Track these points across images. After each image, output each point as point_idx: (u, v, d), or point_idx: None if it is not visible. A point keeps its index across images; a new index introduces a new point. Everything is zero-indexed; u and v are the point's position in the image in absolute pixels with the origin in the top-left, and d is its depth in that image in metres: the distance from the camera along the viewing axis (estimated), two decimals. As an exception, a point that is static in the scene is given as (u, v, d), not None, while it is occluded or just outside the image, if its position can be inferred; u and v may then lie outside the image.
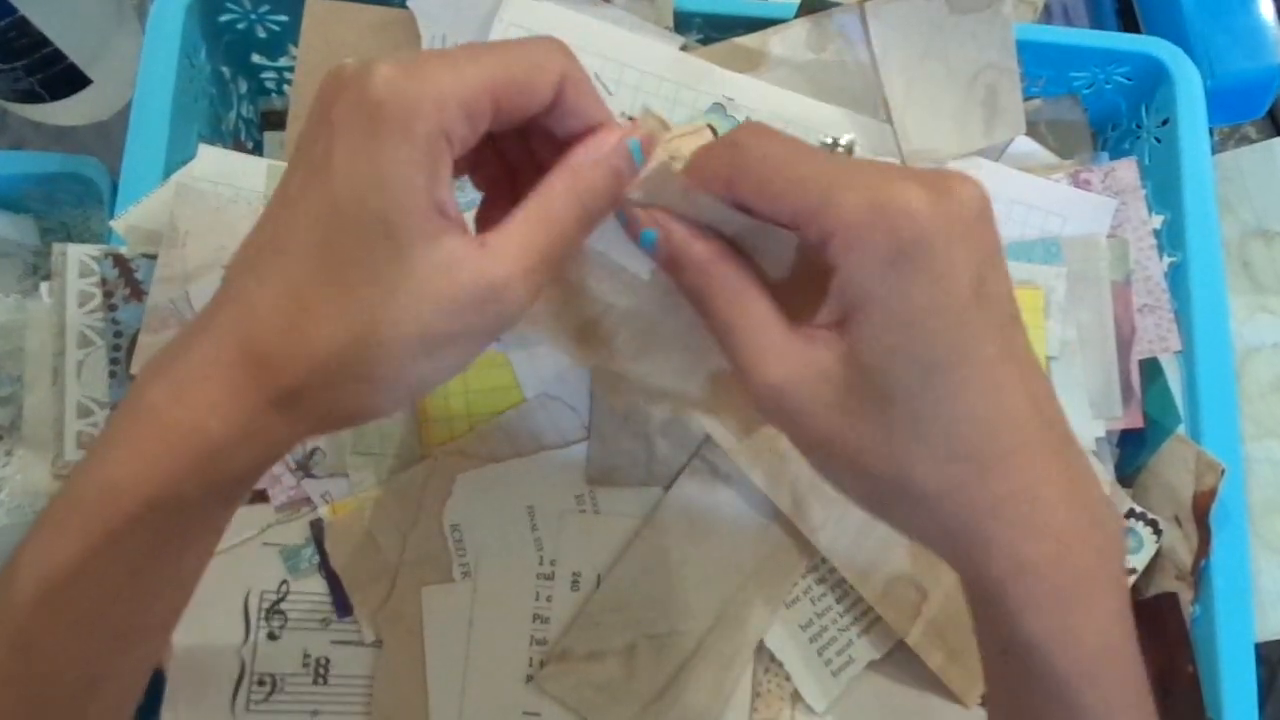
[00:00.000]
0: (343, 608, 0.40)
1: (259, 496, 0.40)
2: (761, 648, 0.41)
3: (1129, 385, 0.45)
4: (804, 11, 0.46)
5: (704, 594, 0.41)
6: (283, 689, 0.39)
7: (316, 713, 0.39)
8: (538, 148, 0.29)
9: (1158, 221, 0.47)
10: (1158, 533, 0.43)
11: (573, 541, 0.41)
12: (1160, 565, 0.44)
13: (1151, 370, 0.45)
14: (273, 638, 0.40)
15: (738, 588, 0.41)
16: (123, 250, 0.41)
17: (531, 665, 0.40)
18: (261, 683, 0.39)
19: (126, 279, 0.40)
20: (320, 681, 0.40)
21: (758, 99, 0.45)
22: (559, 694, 0.40)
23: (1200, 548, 0.42)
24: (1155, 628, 0.43)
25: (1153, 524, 0.43)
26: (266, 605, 0.40)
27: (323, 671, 0.40)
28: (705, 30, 0.47)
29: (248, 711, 0.39)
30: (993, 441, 0.25)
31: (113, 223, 0.41)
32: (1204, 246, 0.46)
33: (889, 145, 0.46)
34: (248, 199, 0.42)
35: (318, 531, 0.40)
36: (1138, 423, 0.45)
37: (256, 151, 0.51)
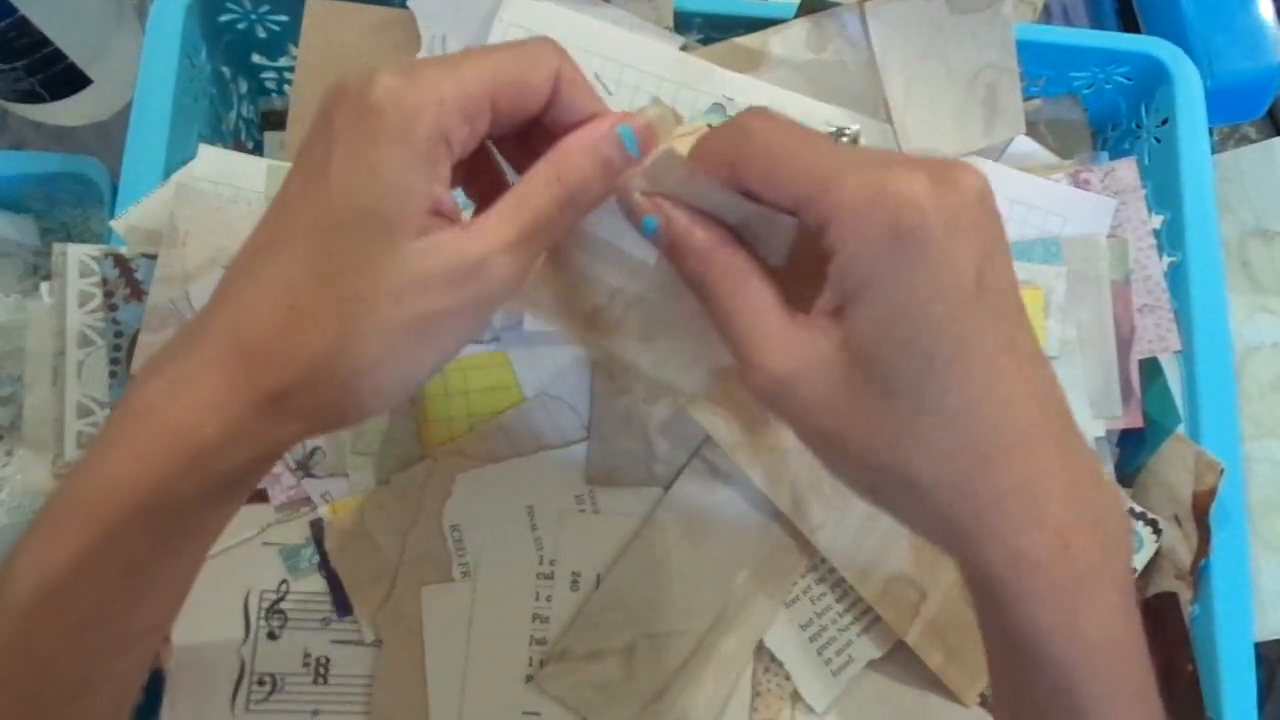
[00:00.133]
0: (342, 607, 0.40)
1: (259, 496, 0.40)
2: (761, 647, 0.41)
3: (1129, 385, 0.45)
4: (804, 11, 0.46)
5: (704, 594, 0.41)
6: (283, 688, 0.39)
7: (317, 712, 0.39)
8: (541, 150, 0.29)
9: (1157, 221, 0.47)
10: (1157, 532, 0.43)
11: (572, 541, 0.41)
12: (1160, 565, 0.44)
13: (1151, 370, 0.46)
14: (273, 637, 0.40)
15: (738, 587, 0.41)
16: (123, 250, 0.41)
17: (531, 665, 0.40)
18: (261, 682, 0.39)
19: (127, 279, 0.40)
20: (320, 681, 0.40)
21: (758, 99, 0.45)
22: (558, 694, 0.40)
23: (1200, 547, 0.42)
24: (1155, 627, 0.43)
25: (1152, 524, 0.43)
26: (266, 605, 0.40)
27: (323, 671, 0.40)
28: (705, 30, 0.47)
29: (248, 711, 0.39)
30: (994, 434, 0.24)
31: (113, 223, 0.41)
32: (1203, 246, 0.46)
33: (889, 145, 0.46)
34: (248, 199, 0.42)
35: (318, 531, 0.40)
36: (1137, 422, 0.45)
37: (257, 151, 0.51)
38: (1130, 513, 0.44)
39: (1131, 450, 0.46)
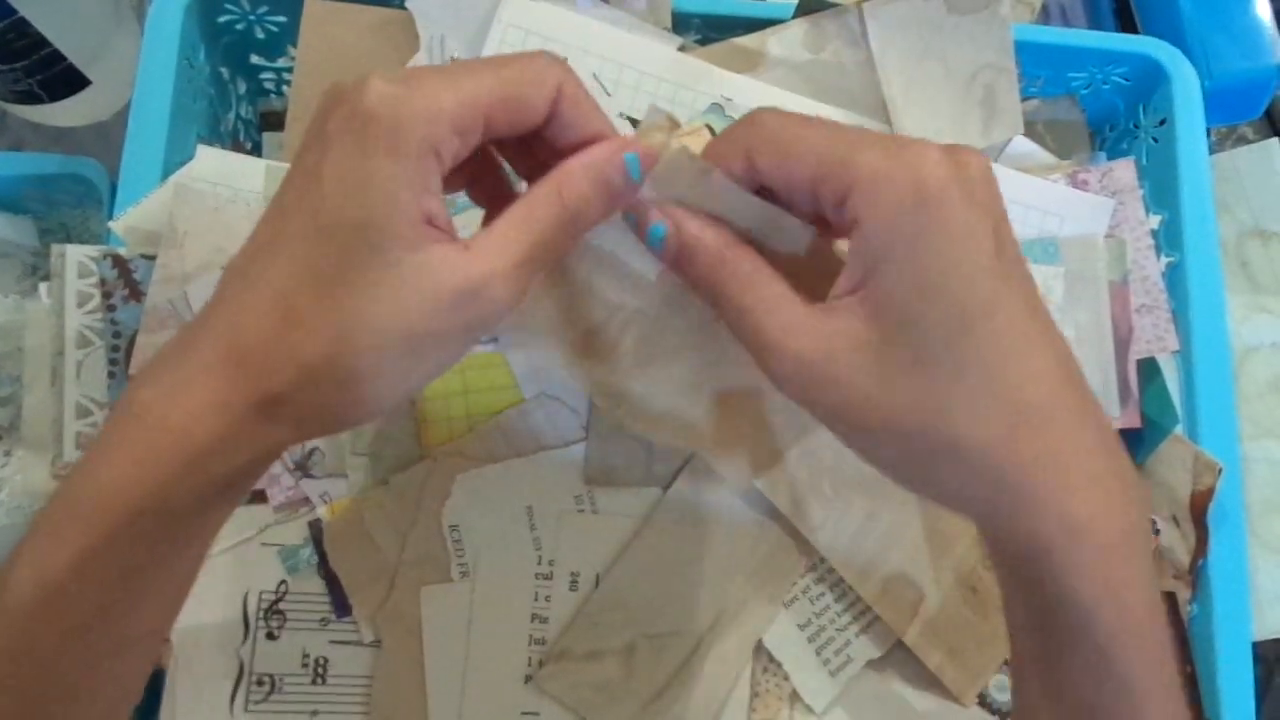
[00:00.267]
0: (341, 608, 0.40)
1: (258, 497, 0.40)
2: (760, 647, 0.41)
3: (1126, 385, 0.45)
4: (802, 12, 0.46)
5: (703, 594, 0.41)
6: (282, 689, 0.39)
7: (315, 713, 0.39)
8: (546, 159, 0.29)
9: (1155, 221, 0.47)
10: (1155, 532, 0.43)
11: (571, 541, 0.41)
12: (1158, 565, 0.44)
13: (1149, 370, 0.46)
14: (271, 638, 0.40)
15: (736, 588, 0.41)
16: (121, 251, 0.41)
17: (530, 665, 0.40)
18: (260, 683, 0.39)
19: (125, 279, 0.40)
20: (319, 681, 0.40)
21: (756, 99, 0.45)
22: (558, 694, 0.40)
23: (1198, 547, 0.42)
24: (1153, 627, 0.43)
25: (1150, 523, 0.43)
26: (265, 605, 0.40)
27: (321, 671, 0.40)
28: (703, 31, 0.47)
29: (246, 711, 0.39)
30: (1030, 393, 0.24)
31: (111, 223, 0.41)
32: (1201, 246, 0.46)
33: (887, 145, 0.46)
34: (246, 200, 0.42)
35: (316, 532, 0.40)
36: (1135, 423, 0.45)
37: (255, 152, 0.51)
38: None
39: (1129, 450, 0.46)
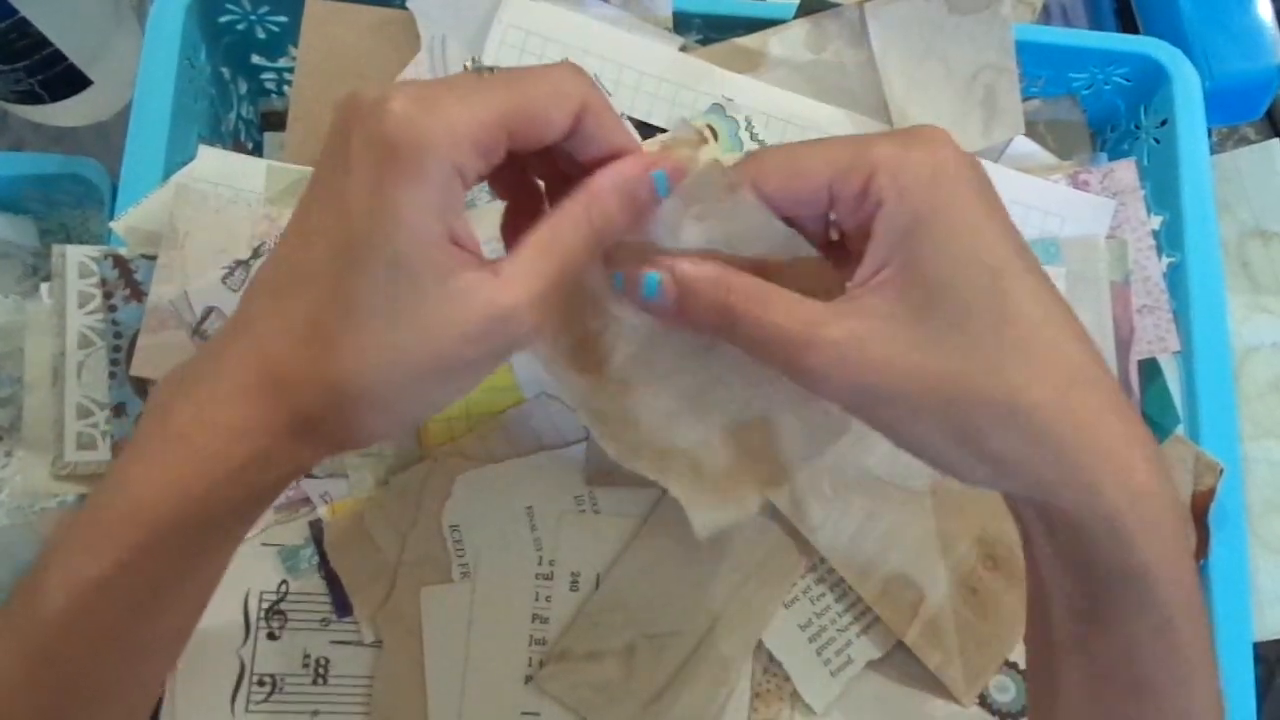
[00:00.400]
0: (342, 608, 0.40)
1: (259, 497, 0.40)
2: (761, 648, 0.41)
3: (1128, 385, 0.45)
4: (803, 12, 0.46)
5: (703, 594, 0.41)
6: (282, 689, 0.39)
7: (316, 713, 0.39)
8: (565, 166, 0.29)
9: (1156, 222, 0.47)
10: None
11: (572, 542, 0.41)
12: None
13: (1150, 370, 0.46)
14: (272, 638, 0.40)
15: (737, 588, 0.41)
16: (122, 251, 0.41)
17: (531, 665, 0.40)
18: (261, 683, 0.39)
19: (126, 280, 0.40)
20: (320, 682, 0.40)
21: (757, 99, 0.45)
22: (558, 694, 0.40)
23: (1199, 548, 0.42)
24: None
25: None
26: (266, 606, 0.40)
27: (322, 672, 0.40)
28: (704, 31, 0.47)
29: (247, 712, 0.39)
30: (1075, 353, 0.25)
31: (112, 224, 0.41)
32: (1202, 247, 0.46)
33: (888, 146, 0.46)
34: (247, 200, 0.42)
35: (317, 532, 0.40)
36: (1136, 423, 0.45)
37: (256, 152, 0.51)
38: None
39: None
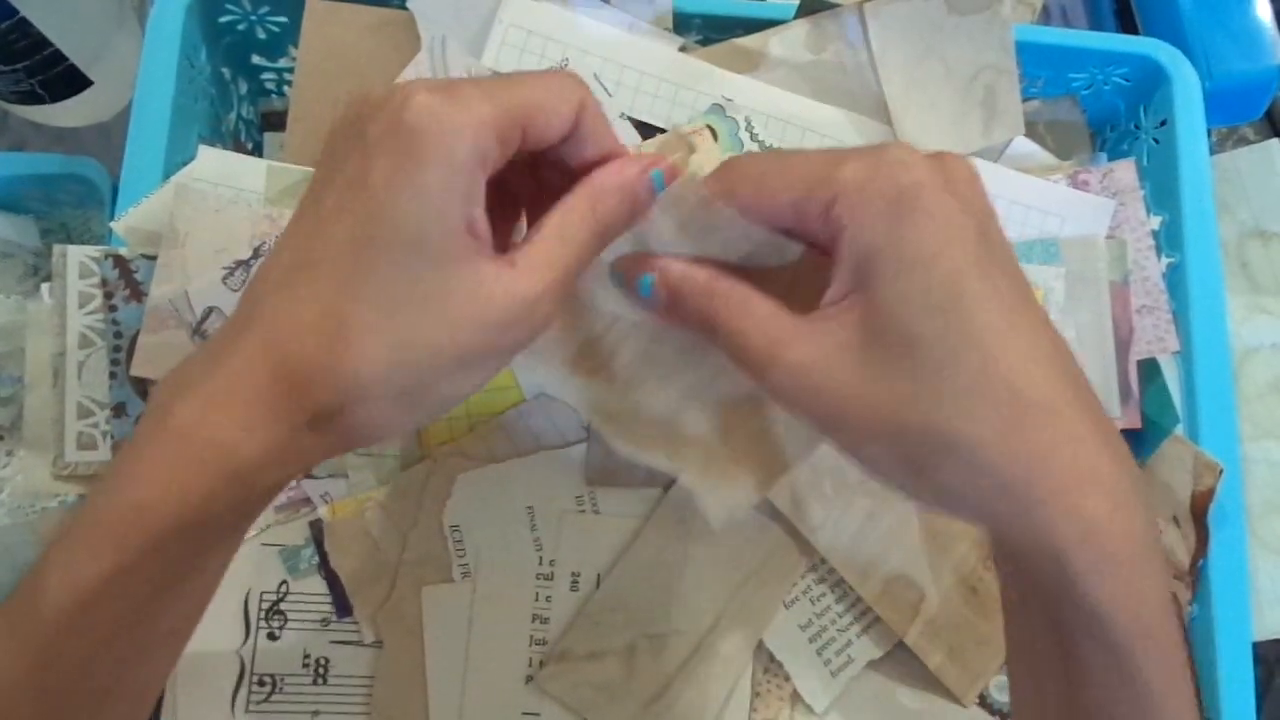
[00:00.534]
0: (342, 608, 0.40)
1: (259, 497, 0.40)
2: (761, 648, 0.41)
3: (1127, 386, 0.45)
4: (803, 12, 0.46)
5: (704, 594, 0.41)
6: (283, 689, 0.40)
7: (317, 713, 0.40)
8: (547, 176, 0.29)
9: (1156, 222, 0.47)
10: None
11: (572, 542, 0.41)
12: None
13: (1150, 371, 0.46)
14: (273, 638, 0.40)
15: (737, 588, 0.41)
16: (123, 251, 0.41)
17: (531, 665, 0.40)
18: (261, 683, 0.39)
19: (126, 280, 0.40)
20: (320, 682, 0.40)
21: (757, 100, 0.45)
22: (559, 694, 0.40)
23: (1198, 548, 0.42)
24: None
25: (1156, 523, 0.43)
26: (266, 606, 0.40)
27: (322, 672, 0.40)
28: (704, 31, 0.47)
29: (247, 712, 0.39)
30: (1028, 387, 0.24)
31: (113, 224, 0.41)
32: (1202, 247, 0.46)
33: (888, 146, 0.46)
34: (248, 200, 0.42)
35: (317, 532, 0.40)
36: (1136, 423, 0.45)
37: (256, 152, 0.51)
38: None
39: (1130, 451, 0.46)
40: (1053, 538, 0.24)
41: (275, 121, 0.51)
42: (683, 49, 0.45)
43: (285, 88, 0.51)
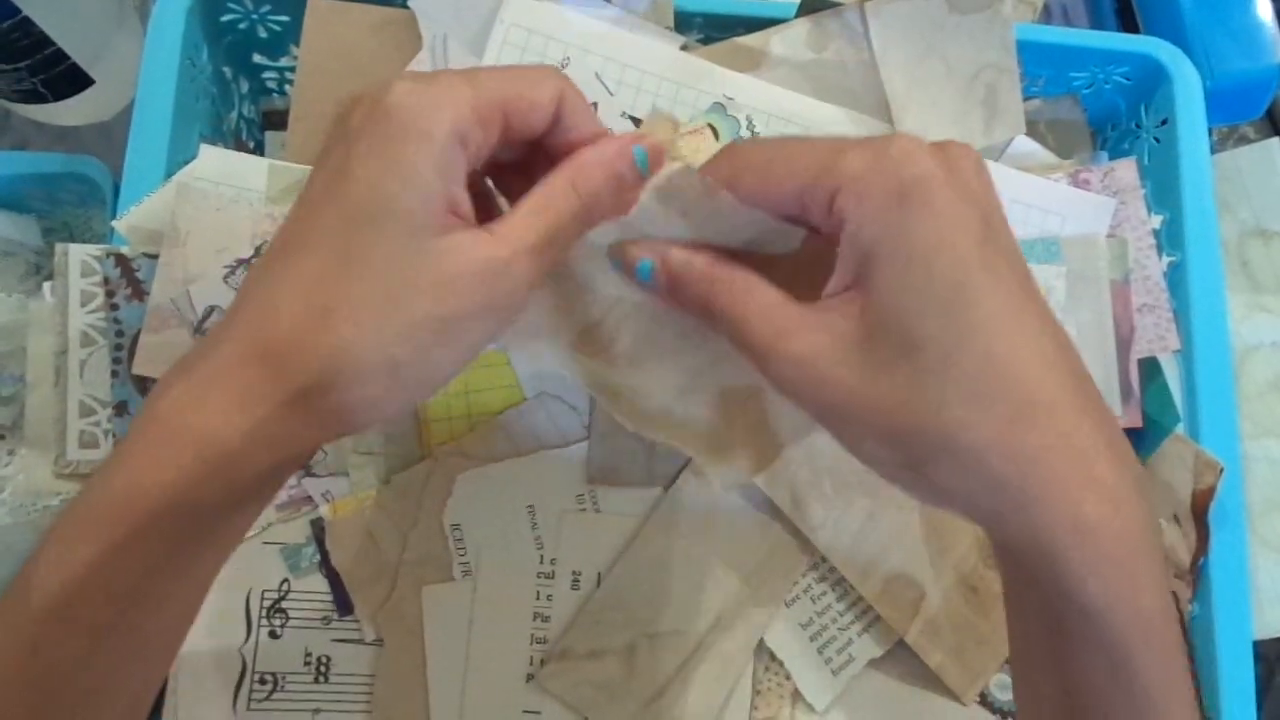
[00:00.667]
0: (343, 606, 0.40)
1: (260, 495, 0.40)
2: (761, 646, 0.41)
3: (1128, 384, 0.45)
4: (804, 11, 0.46)
5: (704, 593, 0.41)
6: (284, 687, 0.40)
7: (318, 711, 0.40)
8: (536, 176, 0.29)
9: (1157, 221, 0.47)
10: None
11: (573, 541, 0.41)
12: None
13: (1150, 369, 0.46)
14: (274, 636, 0.40)
15: (738, 587, 0.41)
16: (124, 250, 0.41)
17: (532, 664, 0.40)
18: (263, 681, 0.40)
19: (128, 279, 0.40)
20: (321, 680, 0.40)
21: (758, 98, 0.45)
22: (559, 692, 0.40)
23: (1198, 546, 0.42)
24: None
25: (1157, 520, 0.43)
26: (267, 604, 0.40)
27: (324, 670, 0.40)
28: (705, 30, 0.47)
29: (249, 710, 0.39)
30: (1027, 385, 0.24)
31: (114, 222, 0.41)
32: (1203, 246, 0.46)
33: (889, 145, 0.46)
34: (249, 199, 0.42)
35: (318, 530, 0.40)
36: (1136, 422, 0.45)
37: (258, 151, 0.51)
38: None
39: (1132, 449, 0.46)
40: (1049, 538, 0.24)
41: (277, 120, 0.51)
42: (684, 48, 0.45)
43: (287, 87, 0.51)
